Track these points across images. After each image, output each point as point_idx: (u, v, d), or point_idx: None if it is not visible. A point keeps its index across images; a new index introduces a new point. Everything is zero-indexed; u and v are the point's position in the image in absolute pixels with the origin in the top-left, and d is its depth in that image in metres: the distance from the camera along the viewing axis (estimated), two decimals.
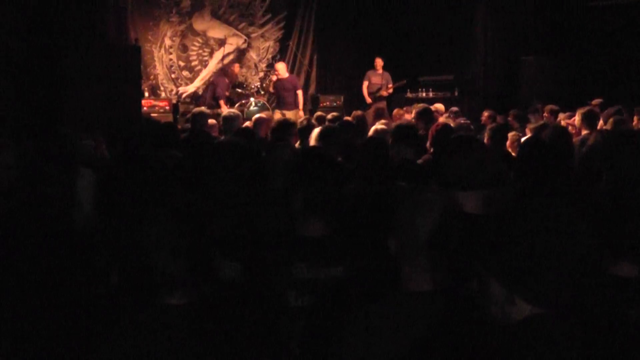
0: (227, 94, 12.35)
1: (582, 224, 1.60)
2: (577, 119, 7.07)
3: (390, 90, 12.96)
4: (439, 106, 10.54)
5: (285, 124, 6.05)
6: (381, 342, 1.91)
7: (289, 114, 11.00)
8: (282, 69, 12.02)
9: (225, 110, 11.39)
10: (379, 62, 13.11)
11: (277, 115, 11.00)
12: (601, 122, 6.99)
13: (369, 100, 12.81)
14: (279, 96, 11.93)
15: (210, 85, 12.41)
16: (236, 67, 13.09)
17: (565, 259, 1.55)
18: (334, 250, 2.61)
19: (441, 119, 8.39)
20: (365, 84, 13.04)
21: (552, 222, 1.58)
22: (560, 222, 1.58)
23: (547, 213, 1.60)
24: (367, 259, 2.63)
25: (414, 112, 7.96)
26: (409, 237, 2.02)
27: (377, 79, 13.02)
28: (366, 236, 2.91)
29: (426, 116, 7.49)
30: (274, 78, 12.02)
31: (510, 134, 7.46)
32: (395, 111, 11.41)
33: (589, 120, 6.84)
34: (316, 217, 2.64)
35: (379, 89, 12.90)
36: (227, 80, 12.27)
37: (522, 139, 7.79)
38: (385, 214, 2.12)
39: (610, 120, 6.54)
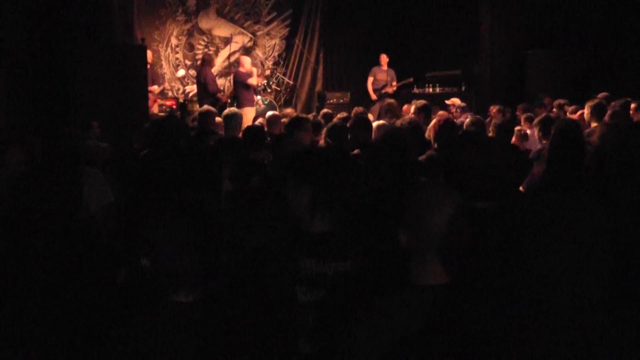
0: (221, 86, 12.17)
1: (604, 219, 1.54)
2: (586, 111, 7.04)
3: (395, 88, 12.92)
4: (456, 100, 10.57)
5: (298, 120, 6.04)
6: (390, 336, 1.90)
7: (252, 112, 10.75)
8: (247, 62, 11.49)
9: (224, 99, 11.34)
10: (384, 59, 13.07)
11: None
12: (608, 114, 6.96)
13: (374, 96, 12.77)
14: (239, 93, 11.15)
15: (198, 85, 11.78)
16: None
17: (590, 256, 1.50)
18: (342, 244, 2.60)
19: (441, 113, 8.38)
20: (370, 80, 12.99)
21: (572, 217, 1.52)
22: (581, 217, 1.52)
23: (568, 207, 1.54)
24: (376, 253, 2.62)
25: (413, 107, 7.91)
26: (420, 231, 2.01)
27: (382, 75, 12.98)
28: (375, 230, 2.89)
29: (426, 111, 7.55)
30: (242, 70, 11.31)
31: (516, 128, 7.45)
32: (404, 107, 11.39)
33: (598, 112, 6.81)
34: (324, 213, 2.63)
35: (384, 86, 12.87)
36: (211, 69, 11.92)
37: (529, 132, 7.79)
38: (397, 208, 2.10)
39: (608, 112, 6.54)
